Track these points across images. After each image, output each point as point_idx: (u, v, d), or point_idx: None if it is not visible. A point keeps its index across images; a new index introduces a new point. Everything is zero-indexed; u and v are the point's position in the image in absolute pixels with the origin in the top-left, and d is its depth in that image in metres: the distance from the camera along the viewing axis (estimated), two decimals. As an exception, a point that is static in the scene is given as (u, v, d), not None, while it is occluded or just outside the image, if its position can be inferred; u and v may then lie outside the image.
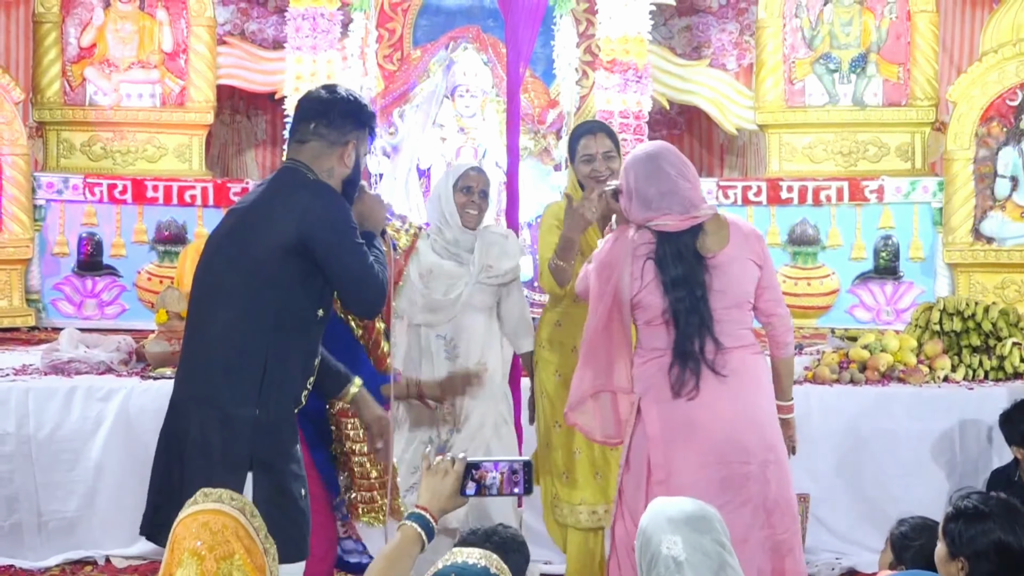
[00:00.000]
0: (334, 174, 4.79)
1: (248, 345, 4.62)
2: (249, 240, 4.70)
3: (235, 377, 4.60)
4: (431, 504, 3.62)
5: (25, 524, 7.50)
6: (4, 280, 10.41)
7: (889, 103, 10.84)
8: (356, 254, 4.66)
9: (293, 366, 4.70)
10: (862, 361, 7.96)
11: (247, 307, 4.63)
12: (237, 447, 4.58)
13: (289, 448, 4.70)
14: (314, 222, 4.62)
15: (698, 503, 3.59)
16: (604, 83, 10.56)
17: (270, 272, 4.62)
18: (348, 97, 4.87)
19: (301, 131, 4.83)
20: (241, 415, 4.57)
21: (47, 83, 10.90)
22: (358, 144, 4.83)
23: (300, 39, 10.45)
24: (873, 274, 10.59)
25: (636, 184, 5.15)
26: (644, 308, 5.11)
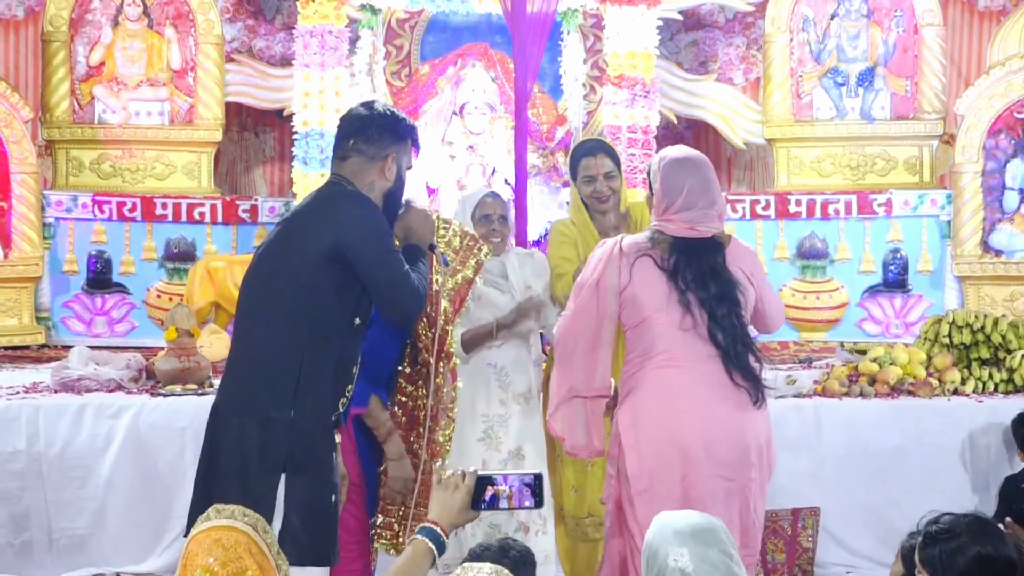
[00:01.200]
0: (375, 188, 4.87)
1: (284, 350, 4.70)
2: (290, 249, 4.79)
3: (272, 381, 4.68)
4: (442, 518, 3.63)
5: (36, 541, 7.51)
6: (14, 298, 10.43)
7: (897, 116, 10.85)
8: (390, 262, 4.74)
9: (328, 373, 4.75)
10: (871, 374, 7.96)
11: (285, 313, 4.71)
12: (273, 449, 4.65)
13: (323, 454, 4.76)
14: (351, 230, 4.70)
15: (704, 515, 3.57)
16: (612, 98, 10.57)
17: (308, 279, 4.70)
18: (385, 112, 4.97)
19: (342, 148, 4.94)
20: (278, 418, 4.65)
21: (56, 102, 10.92)
22: (398, 157, 4.92)
23: (308, 56, 10.47)
24: (882, 287, 10.59)
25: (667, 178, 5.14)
26: (633, 306, 5.08)
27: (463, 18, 11.10)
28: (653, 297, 5.04)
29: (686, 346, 5.04)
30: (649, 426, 5.02)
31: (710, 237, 5.10)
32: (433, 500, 3.66)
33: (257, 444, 4.66)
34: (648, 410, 5.03)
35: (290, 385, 4.67)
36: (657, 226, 5.12)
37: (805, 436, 7.60)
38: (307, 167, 10.30)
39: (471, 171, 10.33)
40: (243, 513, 3.25)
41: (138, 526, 7.44)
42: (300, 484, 4.66)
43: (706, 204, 5.11)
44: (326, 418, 4.76)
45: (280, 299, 4.73)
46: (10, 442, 7.47)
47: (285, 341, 4.70)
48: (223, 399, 4.87)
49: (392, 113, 4.99)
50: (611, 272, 5.09)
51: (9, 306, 10.40)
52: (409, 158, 5.01)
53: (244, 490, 4.60)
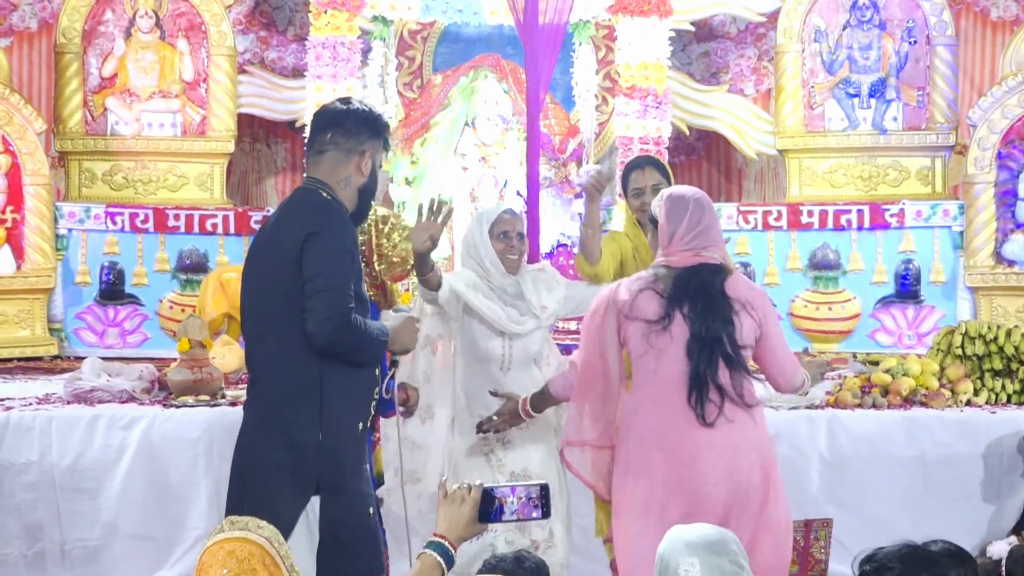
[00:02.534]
0: (351, 183, 4.86)
1: (301, 371, 4.69)
2: (274, 265, 4.77)
3: (297, 403, 4.69)
4: (449, 532, 3.62)
5: (48, 553, 7.51)
6: (27, 309, 10.44)
7: (909, 127, 10.84)
8: (334, 275, 4.66)
9: (353, 382, 4.76)
10: (884, 385, 7.95)
11: (289, 332, 4.69)
12: (305, 471, 4.64)
13: (355, 468, 4.78)
14: (312, 235, 4.67)
15: (717, 528, 3.60)
16: (623, 109, 10.58)
17: (296, 293, 4.68)
18: (362, 107, 4.96)
19: (318, 142, 4.91)
20: (306, 440, 4.65)
21: (69, 113, 10.94)
22: (374, 153, 4.91)
23: (320, 67, 10.48)
24: (894, 298, 10.57)
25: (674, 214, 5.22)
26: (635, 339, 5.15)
27: (475, 29, 11.11)
28: (649, 327, 5.10)
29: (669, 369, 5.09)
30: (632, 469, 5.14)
31: (715, 264, 5.17)
32: (440, 514, 3.66)
33: (289, 467, 4.65)
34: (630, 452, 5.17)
35: (314, 405, 4.66)
36: (663, 261, 5.20)
37: (817, 447, 7.58)
38: (319, 178, 10.30)
39: (483, 183, 10.32)
40: (258, 525, 3.26)
41: (150, 537, 7.45)
42: (336, 504, 4.66)
43: (708, 230, 5.21)
44: (354, 432, 4.77)
45: (280, 318, 4.71)
46: (23, 453, 7.48)
47: (299, 361, 4.68)
48: (249, 423, 4.86)
49: (369, 108, 4.99)
50: (609, 322, 5.20)
51: (22, 317, 10.41)
52: (381, 156, 5.00)
53: (273, 515, 4.60)
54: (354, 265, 4.79)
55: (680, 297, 5.09)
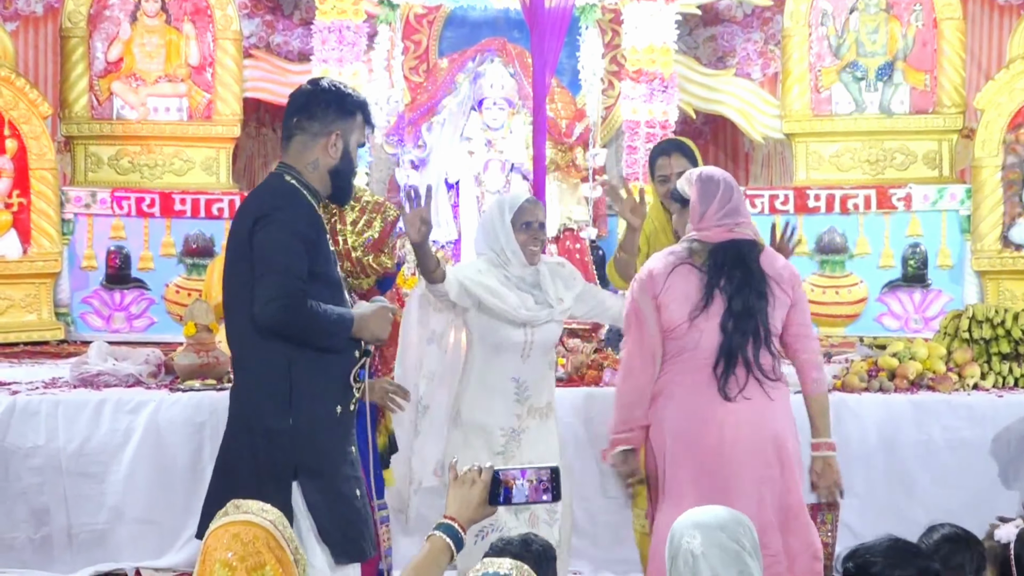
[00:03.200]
0: (319, 166, 4.78)
1: (268, 358, 4.65)
2: (237, 252, 4.73)
3: (267, 390, 4.65)
4: (459, 514, 3.62)
5: (55, 537, 7.51)
6: (33, 294, 10.45)
7: (916, 111, 10.82)
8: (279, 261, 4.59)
9: (325, 366, 4.70)
10: (891, 369, 7.93)
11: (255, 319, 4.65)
12: (278, 459, 4.62)
13: (335, 451, 4.72)
14: (260, 221, 4.62)
15: (732, 512, 3.65)
16: (630, 93, 10.57)
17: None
18: (330, 88, 4.87)
19: (287, 127, 4.84)
20: (278, 427, 4.62)
21: (75, 97, 10.94)
22: (345, 134, 4.81)
23: (326, 51, 10.47)
24: (901, 282, 10.57)
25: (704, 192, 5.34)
26: (667, 313, 5.22)
27: (481, 13, 11.10)
28: (688, 302, 5.19)
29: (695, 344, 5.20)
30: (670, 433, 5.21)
31: (750, 239, 5.32)
32: (450, 496, 3.65)
33: (264, 456, 4.63)
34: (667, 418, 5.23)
35: (283, 391, 4.62)
36: (695, 236, 5.28)
37: (824, 431, 7.57)
38: (325, 162, 10.29)
39: (490, 167, 10.30)
40: (262, 508, 3.25)
41: (157, 521, 7.44)
42: (316, 489, 4.63)
43: (738, 208, 5.34)
44: (332, 415, 4.71)
45: (243, 305, 4.65)
46: (29, 438, 7.48)
47: (265, 349, 4.63)
48: (231, 414, 4.86)
49: (337, 88, 4.88)
50: (646, 301, 5.28)
51: (28, 302, 10.42)
52: (360, 135, 4.90)
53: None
54: (313, 248, 4.68)
55: (719, 271, 5.20)
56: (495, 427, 5.86)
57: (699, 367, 5.19)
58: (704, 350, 5.18)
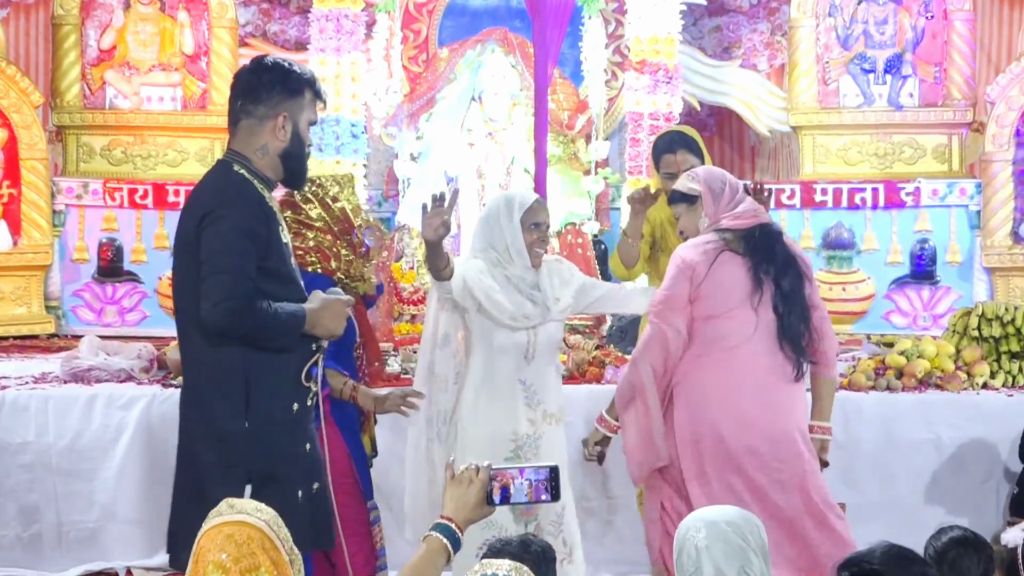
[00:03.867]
0: (269, 151, 4.70)
1: (223, 358, 4.59)
2: (185, 250, 4.67)
3: (221, 391, 4.59)
4: (456, 514, 3.61)
5: (45, 534, 7.51)
6: (23, 287, 10.43)
7: (925, 104, 10.80)
8: (226, 261, 4.50)
9: (281, 364, 4.65)
10: (899, 368, 7.92)
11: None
12: (235, 462, 4.59)
13: (287, 454, 4.68)
14: (205, 218, 4.55)
15: (743, 512, 3.71)
16: (633, 84, 10.54)
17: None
18: (273, 67, 4.77)
19: (232, 112, 4.76)
20: (232, 429, 4.58)
21: (67, 86, 10.92)
22: (293, 114, 4.72)
23: (323, 40, 10.44)
24: (909, 279, 10.55)
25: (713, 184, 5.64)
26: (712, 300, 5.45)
27: (482, 2, 11.09)
28: (736, 289, 5.45)
29: (753, 328, 5.47)
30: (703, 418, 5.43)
31: (772, 224, 5.68)
32: (447, 496, 3.64)
33: (217, 459, 4.59)
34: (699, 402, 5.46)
35: (239, 393, 4.57)
36: (723, 226, 5.55)
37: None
38: (322, 154, 10.26)
39: (490, 159, 10.28)
40: (256, 508, 3.24)
41: (149, 520, 7.42)
42: (264, 493, 4.54)
43: (745, 197, 5.69)
44: (287, 414, 4.66)
45: (193, 305, 4.58)
46: (19, 433, 7.48)
47: (220, 350, 4.58)
48: (184, 413, 4.80)
49: (281, 66, 4.77)
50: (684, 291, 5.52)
51: (18, 295, 10.41)
52: (311, 113, 4.80)
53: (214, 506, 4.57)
54: (263, 244, 4.59)
55: (760, 255, 5.49)
56: (503, 433, 5.76)
57: (756, 352, 5.46)
58: (761, 334, 5.45)
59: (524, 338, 5.77)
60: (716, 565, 3.51)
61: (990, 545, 4.44)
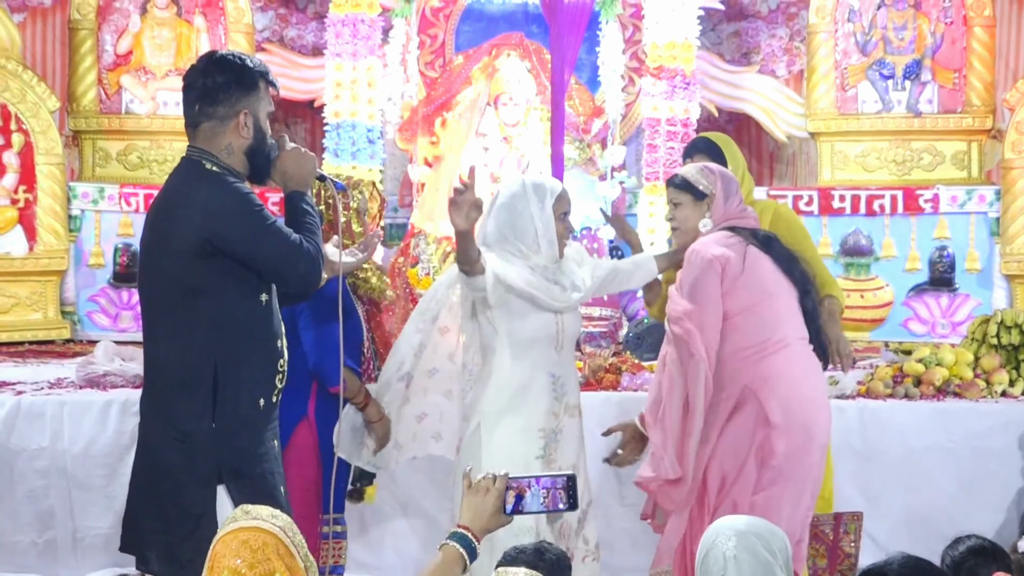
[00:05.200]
0: (234, 149, 4.73)
1: (193, 359, 4.60)
2: (162, 249, 4.67)
3: (188, 392, 4.60)
4: (473, 523, 3.62)
5: (60, 540, 7.53)
6: (39, 292, 10.46)
7: (944, 110, 10.78)
8: (272, 239, 4.58)
9: (250, 365, 4.67)
10: (917, 375, 7.92)
11: (181, 321, 4.61)
12: (200, 463, 4.61)
13: (255, 451, 4.69)
14: (216, 223, 4.56)
15: (770, 525, 3.70)
16: (651, 90, 10.55)
17: (191, 282, 4.60)
18: (225, 65, 4.78)
19: (190, 115, 4.80)
20: (197, 430, 4.59)
21: (83, 91, 10.94)
22: (253, 109, 4.74)
23: (340, 45, 10.46)
24: (928, 286, 10.53)
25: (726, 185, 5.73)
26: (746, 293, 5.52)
27: (499, 7, 11.08)
28: (766, 283, 5.54)
29: (794, 325, 5.59)
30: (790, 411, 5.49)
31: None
32: (463, 505, 3.65)
33: (183, 461, 4.60)
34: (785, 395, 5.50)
35: (206, 393, 4.58)
36: (734, 223, 5.67)
37: (848, 439, 7.55)
38: (338, 159, 10.30)
39: (505, 163, 10.30)
40: (271, 514, 3.25)
41: (164, 526, 7.45)
42: (241, 490, 4.59)
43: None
44: (254, 410, 4.67)
45: (172, 304, 4.62)
46: (34, 439, 7.50)
47: (191, 349, 4.60)
48: (144, 413, 4.82)
49: (232, 63, 4.78)
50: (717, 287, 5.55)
51: (34, 300, 10.43)
52: (266, 103, 4.81)
53: (181, 509, 4.58)
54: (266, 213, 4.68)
55: (775, 253, 5.62)
56: (534, 429, 5.69)
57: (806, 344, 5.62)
58: (795, 328, 5.57)
59: (554, 327, 5.70)
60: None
61: (1008, 554, 4.44)
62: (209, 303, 4.60)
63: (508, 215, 5.74)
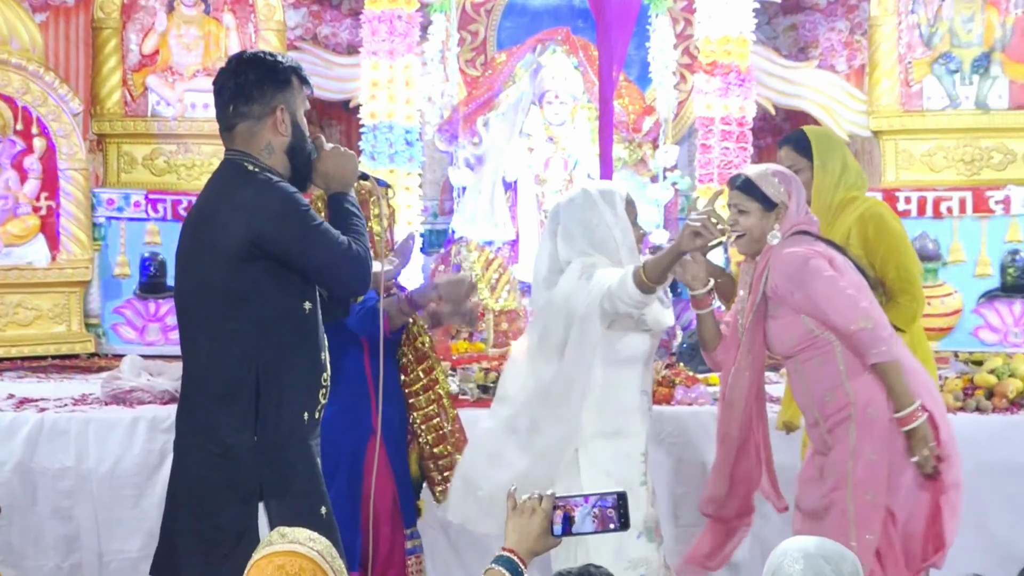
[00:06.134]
0: (274, 148, 4.77)
1: (236, 370, 4.63)
2: (205, 254, 4.70)
3: (229, 405, 4.62)
4: (519, 546, 3.60)
5: (85, 564, 7.55)
6: (62, 304, 10.48)
7: (1016, 106, 10.71)
8: (321, 241, 4.62)
9: (293, 376, 4.70)
10: (989, 387, 7.87)
11: (225, 329, 4.64)
12: (241, 479, 4.62)
13: (302, 468, 4.71)
14: (264, 224, 4.60)
15: (841, 548, 3.66)
16: (704, 87, 10.52)
17: (234, 284, 4.62)
18: (256, 62, 4.84)
19: (224, 118, 4.85)
20: (239, 444, 4.61)
21: (107, 93, 10.96)
22: (288, 105, 4.78)
23: (376, 43, 10.46)
24: (1000, 292, 10.46)
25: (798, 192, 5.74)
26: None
27: (543, 1, 11.09)
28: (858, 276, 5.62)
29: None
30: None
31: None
32: (509, 527, 3.63)
33: (225, 477, 4.62)
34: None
35: (248, 405, 4.60)
36: (805, 229, 5.64)
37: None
38: (375, 162, 10.30)
39: (551, 164, 10.29)
40: (309, 538, 3.24)
41: (194, 549, 7.46)
42: (282, 508, 4.60)
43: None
44: (299, 425, 4.69)
45: (214, 311, 4.64)
46: (58, 458, 7.52)
47: (234, 360, 4.62)
48: (180, 430, 4.82)
49: (263, 60, 4.83)
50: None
51: (57, 312, 10.45)
52: (302, 101, 4.85)
53: (220, 528, 4.58)
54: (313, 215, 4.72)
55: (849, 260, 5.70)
56: (636, 453, 5.58)
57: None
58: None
59: (648, 343, 5.59)
60: None
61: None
62: (252, 310, 4.62)
63: (581, 229, 5.53)
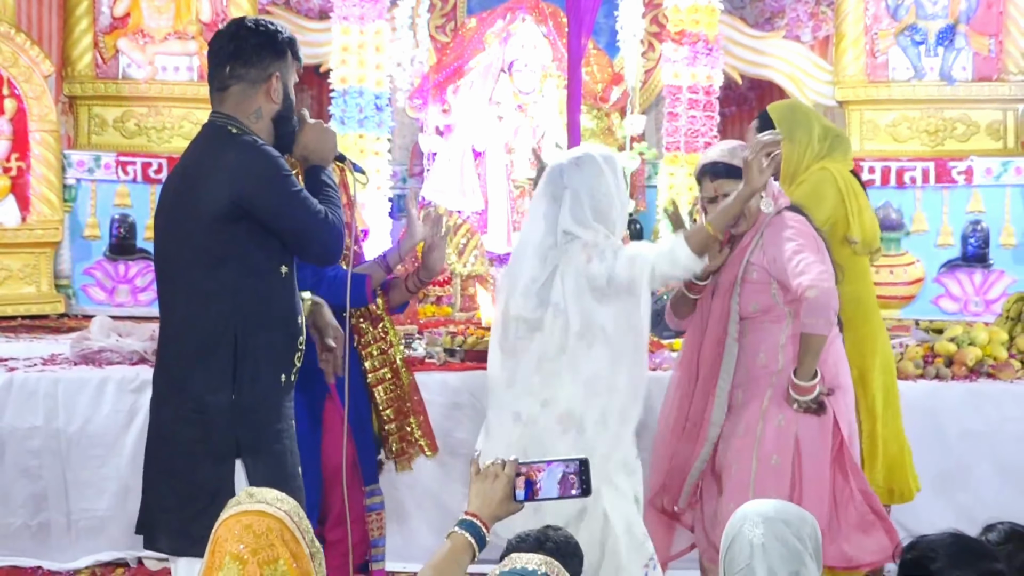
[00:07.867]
0: (263, 114, 4.78)
1: (214, 328, 4.66)
2: (186, 214, 4.72)
3: (207, 363, 4.65)
4: (482, 511, 3.61)
5: (54, 523, 7.53)
6: (32, 264, 10.46)
7: (979, 78, 10.75)
8: (299, 207, 4.66)
9: (271, 337, 4.73)
10: (949, 355, 7.90)
11: (204, 289, 4.66)
12: (218, 437, 4.64)
13: (276, 427, 4.74)
14: (246, 184, 4.62)
15: (800, 510, 3.69)
16: (672, 56, 10.53)
17: (214, 245, 4.65)
18: (259, 28, 4.84)
19: (219, 78, 4.80)
20: (216, 402, 4.63)
21: (78, 55, 10.93)
22: (283, 76, 4.81)
23: (347, 8, 10.43)
24: (961, 262, 10.52)
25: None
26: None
27: (513, -31, 11.08)
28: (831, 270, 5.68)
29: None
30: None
31: None
32: (472, 491, 3.65)
33: (201, 435, 4.64)
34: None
35: (227, 364, 4.63)
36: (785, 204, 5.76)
37: (876, 421, 7.56)
38: (344, 126, 10.28)
39: (520, 133, 10.29)
40: (276, 498, 3.25)
41: (162, 508, 7.45)
42: (259, 466, 4.63)
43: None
44: (275, 385, 4.73)
45: (193, 271, 4.67)
46: (27, 418, 7.49)
47: (212, 318, 4.65)
48: (156, 392, 4.85)
49: (265, 27, 4.85)
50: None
51: (27, 273, 10.43)
52: (293, 73, 4.88)
53: (196, 485, 4.61)
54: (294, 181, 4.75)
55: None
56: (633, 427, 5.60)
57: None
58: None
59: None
60: (770, 566, 3.47)
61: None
62: (230, 272, 4.65)
63: (588, 197, 5.35)
